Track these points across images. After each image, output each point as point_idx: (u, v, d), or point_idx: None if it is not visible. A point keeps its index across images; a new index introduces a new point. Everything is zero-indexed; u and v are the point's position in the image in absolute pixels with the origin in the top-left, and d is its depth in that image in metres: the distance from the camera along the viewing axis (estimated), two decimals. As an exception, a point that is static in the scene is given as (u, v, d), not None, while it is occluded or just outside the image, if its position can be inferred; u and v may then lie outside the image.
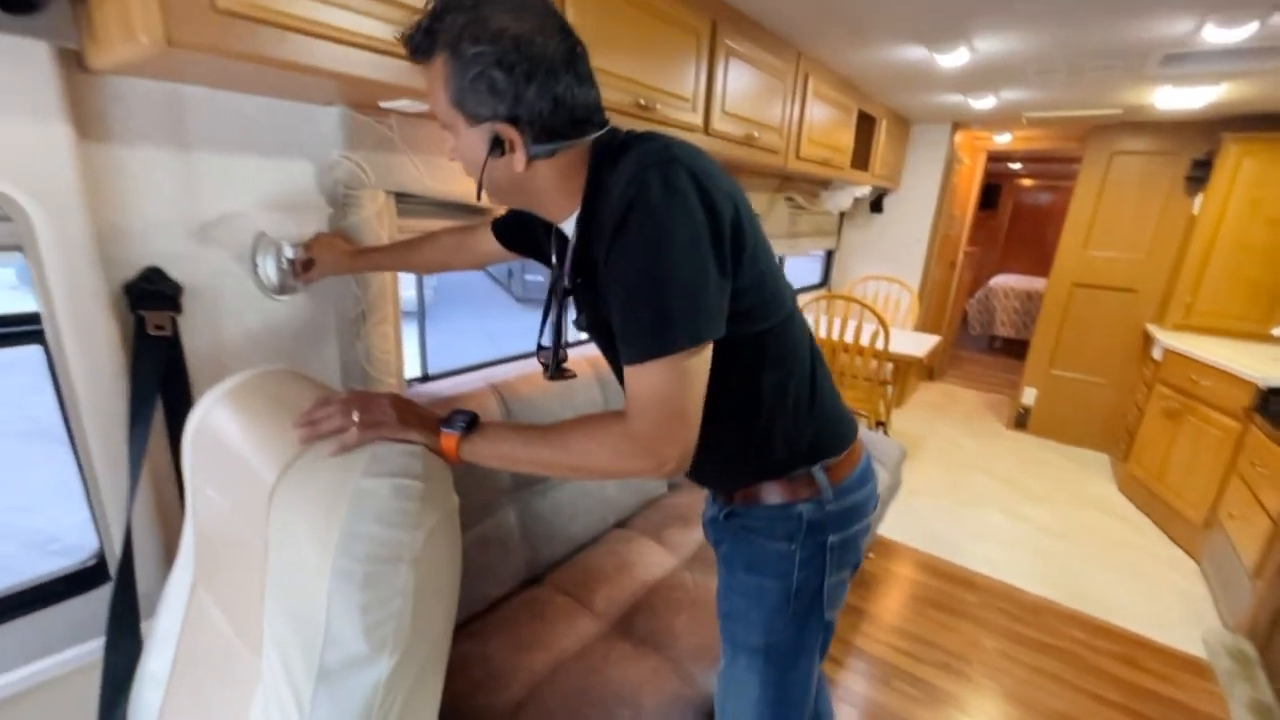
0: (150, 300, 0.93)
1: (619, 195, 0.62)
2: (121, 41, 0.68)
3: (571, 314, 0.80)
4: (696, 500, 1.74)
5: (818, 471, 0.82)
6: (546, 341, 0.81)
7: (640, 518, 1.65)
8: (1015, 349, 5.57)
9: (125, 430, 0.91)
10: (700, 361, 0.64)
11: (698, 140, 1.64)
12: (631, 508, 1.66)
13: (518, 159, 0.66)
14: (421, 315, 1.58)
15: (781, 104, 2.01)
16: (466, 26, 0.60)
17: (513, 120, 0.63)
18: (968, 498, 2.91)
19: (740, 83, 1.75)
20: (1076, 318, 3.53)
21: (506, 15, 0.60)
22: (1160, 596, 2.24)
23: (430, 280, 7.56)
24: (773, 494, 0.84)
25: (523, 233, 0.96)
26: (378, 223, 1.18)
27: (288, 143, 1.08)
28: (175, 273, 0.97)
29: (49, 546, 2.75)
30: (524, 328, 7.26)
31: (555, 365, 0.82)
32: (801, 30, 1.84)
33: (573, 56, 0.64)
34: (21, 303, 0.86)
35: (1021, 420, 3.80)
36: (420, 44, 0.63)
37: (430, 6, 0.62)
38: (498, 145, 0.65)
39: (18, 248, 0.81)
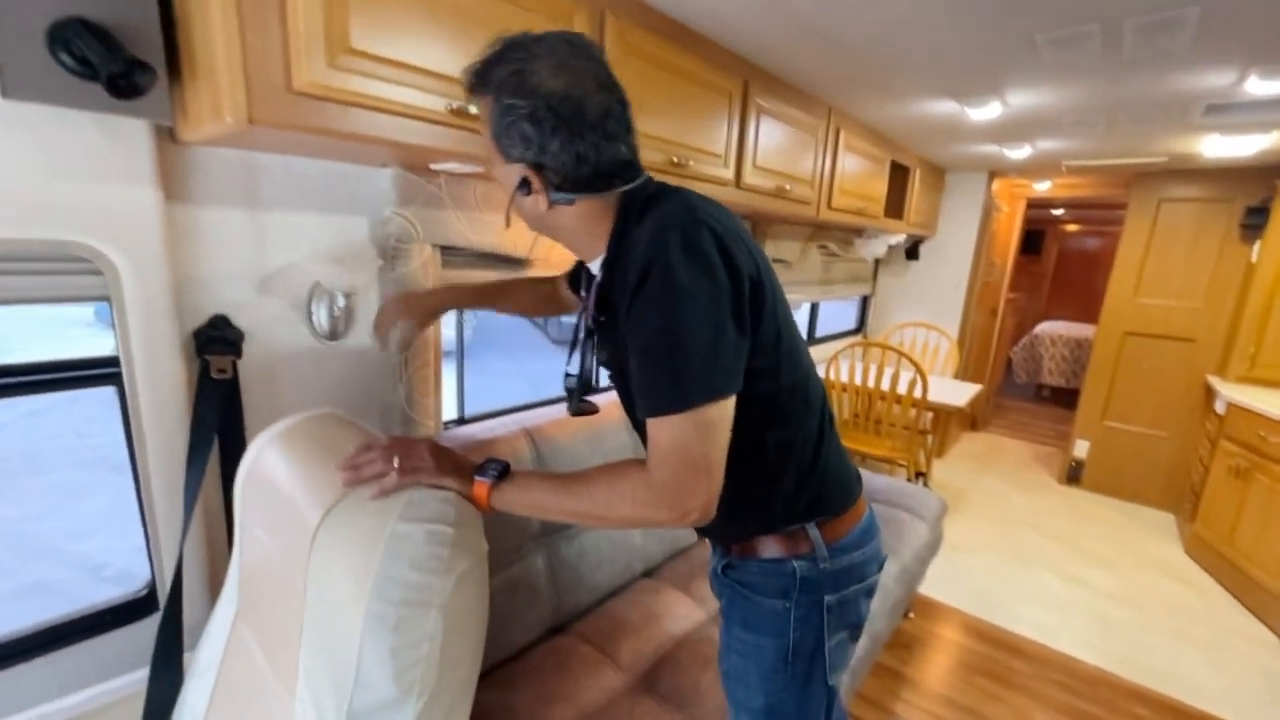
0: (215, 345, 1.01)
1: (641, 253, 0.65)
2: (210, 120, 0.77)
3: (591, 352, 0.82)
4: (726, 550, 1.71)
5: (811, 528, 0.81)
6: (573, 371, 0.85)
7: (668, 568, 1.62)
8: (1065, 398, 5.33)
9: (184, 467, 0.97)
10: (721, 414, 0.65)
11: (729, 193, 1.69)
12: (659, 556, 1.64)
13: (540, 200, 0.72)
14: (460, 357, 1.64)
15: (813, 157, 2.06)
16: (509, 79, 0.66)
17: (537, 166, 0.69)
18: (1017, 556, 2.76)
19: (771, 138, 1.80)
20: (1130, 367, 3.38)
21: (547, 72, 0.65)
22: (1238, 673, 2.05)
23: (470, 321, 7.81)
24: (768, 548, 0.83)
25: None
26: (423, 273, 1.25)
27: (345, 201, 1.16)
28: (239, 320, 1.05)
29: (100, 572, 2.87)
30: (559, 369, 7.35)
31: (577, 400, 0.86)
32: (831, 87, 1.90)
33: (605, 116, 0.68)
34: (97, 339, 0.94)
35: (1074, 474, 3.61)
36: (473, 83, 0.71)
37: (488, 51, 0.69)
38: (525, 184, 0.71)
39: (105, 298, 0.90)
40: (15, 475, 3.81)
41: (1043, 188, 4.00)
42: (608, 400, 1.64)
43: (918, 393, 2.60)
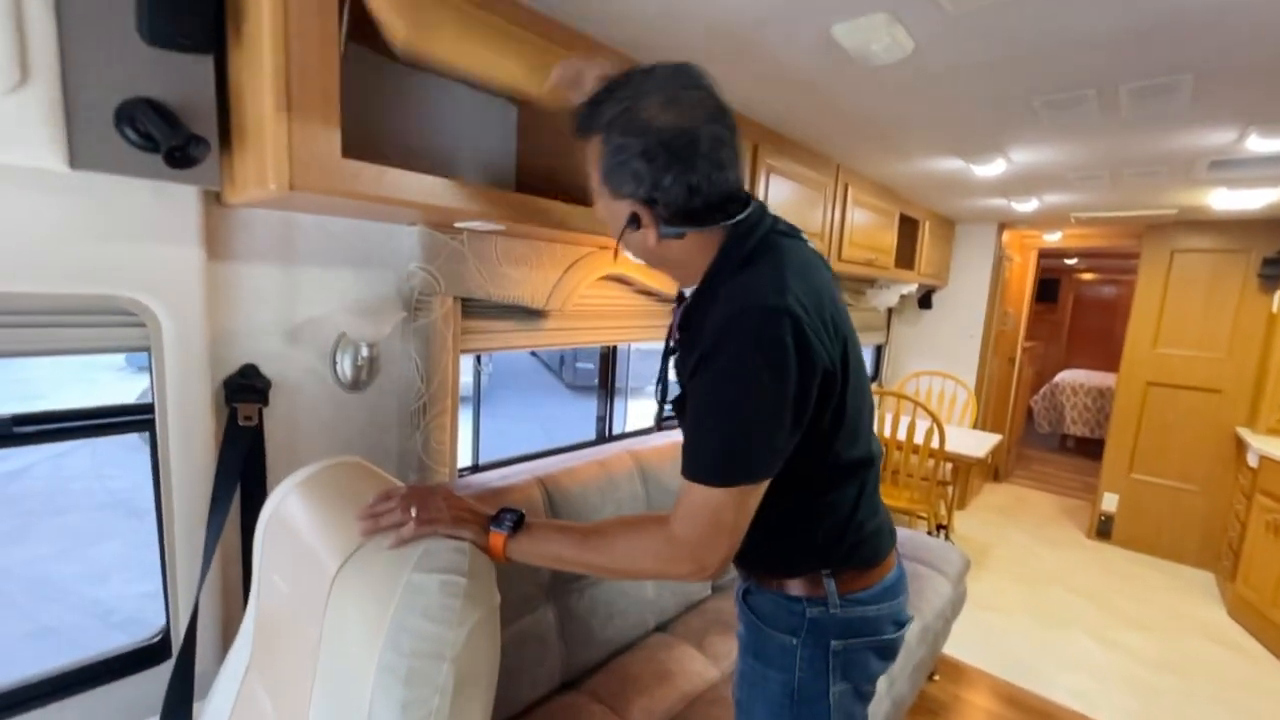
0: (244, 394, 1.05)
1: (721, 321, 0.66)
2: (255, 186, 0.83)
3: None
4: (741, 605, 1.67)
5: (827, 578, 0.81)
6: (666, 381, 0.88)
7: (681, 622, 1.58)
8: (1090, 448, 5.20)
9: (206, 513, 0.99)
10: (756, 491, 0.69)
11: (741, 247, 1.74)
12: (673, 610, 1.60)
13: (649, 234, 0.73)
14: (476, 404, 1.67)
15: (822, 210, 2.12)
16: (618, 117, 0.67)
17: (649, 202, 0.70)
18: (1049, 617, 2.64)
19: (780, 194, 1.87)
20: (1155, 418, 3.31)
21: (657, 108, 0.66)
22: (1295, 752, 1.91)
23: (486, 366, 7.92)
24: (784, 585, 0.84)
25: None
26: (444, 324, 1.29)
27: (373, 256, 1.23)
28: (267, 369, 1.09)
29: (110, 618, 2.87)
30: (575, 415, 7.38)
31: (660, 411, 0.90)
32: (838, 147, 1.98)
33: (718, 145, 0.68)
34: (125, 384, 0.98)
35: (1104, 529, 3.48)
36: (581, 125, 0.73)
37: (595, 92, 0.71)
38: (634, 220, 0.72)
39: (145, 348, 0.95)
40: (37, 515, 3.87)
41: (1053, 238, 4.03)
42: (622, 448, 1.64)
43: (935, 443, 2.57)
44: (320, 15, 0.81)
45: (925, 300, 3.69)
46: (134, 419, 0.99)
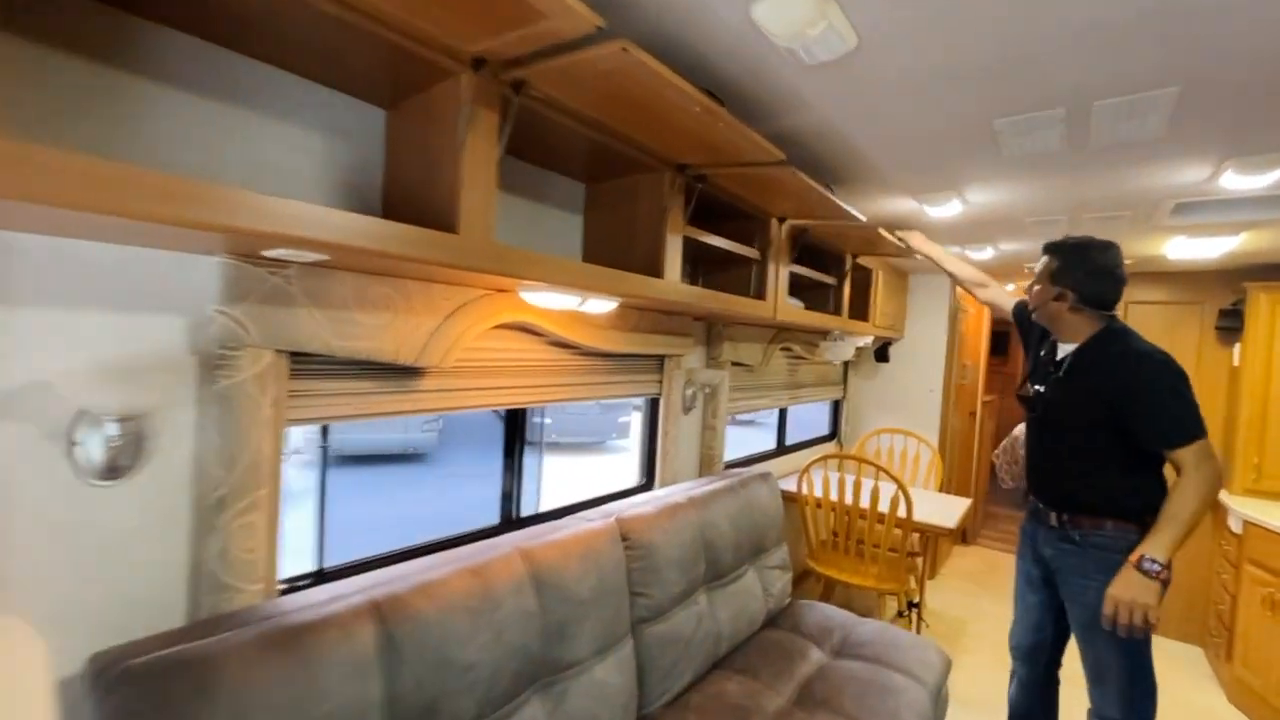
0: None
1: (1129, 363, 1.37)
2: None
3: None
4: None
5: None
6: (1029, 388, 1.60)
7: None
8: (1056, 505, 5.02)
9: None
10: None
11: (674, 291, 1.48)
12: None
13: (1064, 305, 1.44)
14: (322, 490, 1.31)
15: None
16: (1076, 255, 1.43)
17: (1072, 289, 1.42)
18: (1035, 711, 2.31)
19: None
20: (1123, 476, 3.13)
21: (1097, 259, 1.41)
22: None
23: (436, 423, 7.39)
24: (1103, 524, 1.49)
25: (1025, 325, 1.71)
26: (257, 387, 0.96)
27: (148, 295, 0.90)
28: (-59, 458, 0.73)
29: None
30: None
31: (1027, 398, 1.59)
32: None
33: (1115, 284, 1.41)
34: None
35: (1082, 598, 3.22)
36: (1048, 249, 1.48)
37: (1070, 240, 1.47)
38: (1060, 296, 1.44)
39: None
40: None
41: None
42: (504, 548, 1.27)
43: (902, 512, 2.29)
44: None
45: (882, 353, 3.51)
46: None
